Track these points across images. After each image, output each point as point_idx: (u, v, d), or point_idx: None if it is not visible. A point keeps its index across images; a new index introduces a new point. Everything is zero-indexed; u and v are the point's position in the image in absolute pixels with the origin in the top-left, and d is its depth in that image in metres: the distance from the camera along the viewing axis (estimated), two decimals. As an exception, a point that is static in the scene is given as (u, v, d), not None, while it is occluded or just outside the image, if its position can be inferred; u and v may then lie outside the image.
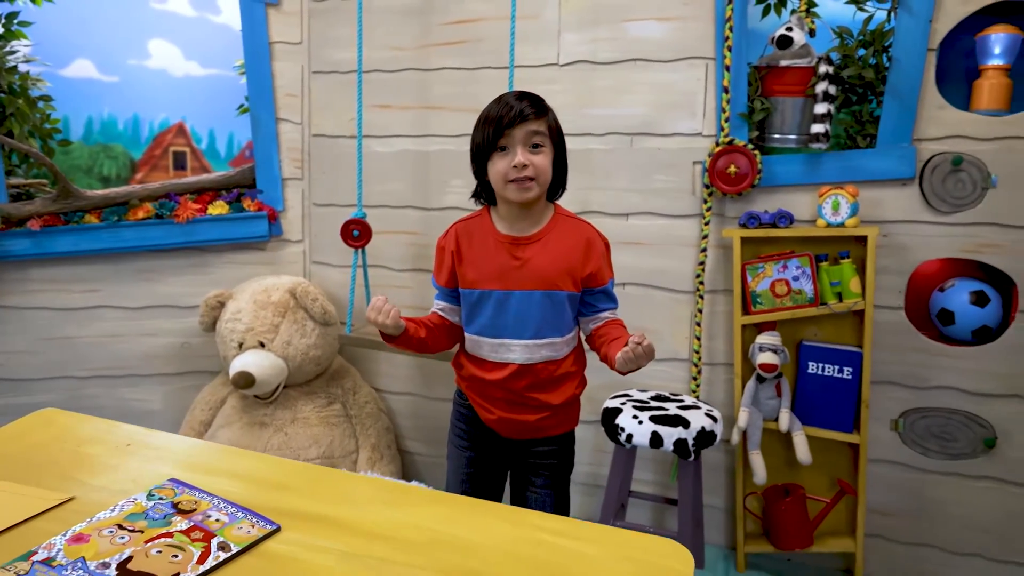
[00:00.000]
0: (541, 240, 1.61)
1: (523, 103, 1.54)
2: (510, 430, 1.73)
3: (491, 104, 1.59)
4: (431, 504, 1.17)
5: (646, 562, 1.02)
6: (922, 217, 2.23)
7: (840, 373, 2.26)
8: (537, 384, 1.66)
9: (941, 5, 2.14)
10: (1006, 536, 2.26)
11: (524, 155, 1.52)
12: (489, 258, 1.62)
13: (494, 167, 1.56)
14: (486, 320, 1.63)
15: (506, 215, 1.64)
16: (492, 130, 1.54)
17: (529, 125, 1.53)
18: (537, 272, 1.60)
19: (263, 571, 0.97)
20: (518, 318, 1.61)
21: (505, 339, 1.63)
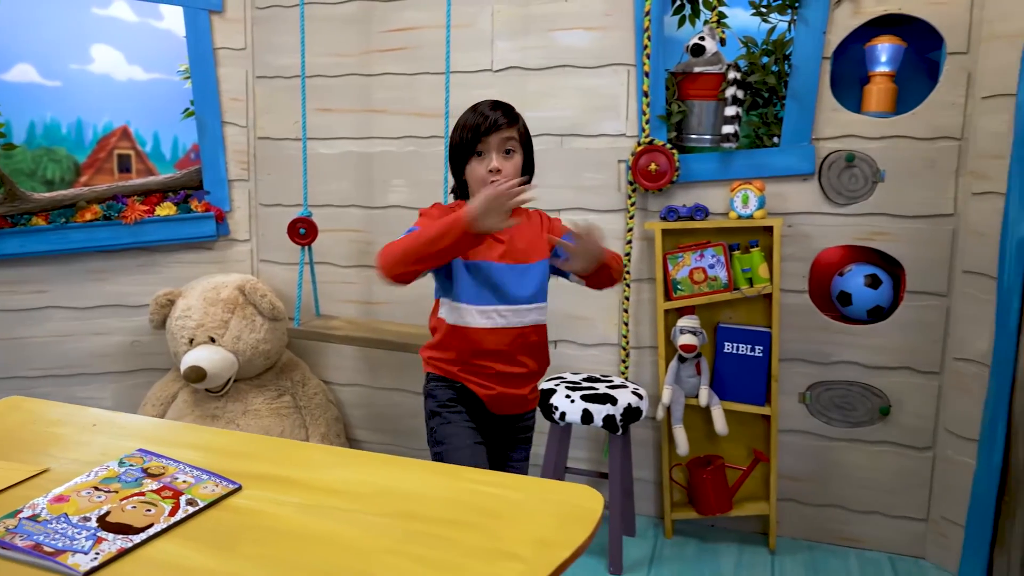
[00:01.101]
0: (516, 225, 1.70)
1: (497, 113, 1.70)
2: (503, 406, 1.80)
3: (467, 113, 1.74)
4: (378, 465, 1.32)
5: (563, 503, 1.19)
6: (821, 209, 2.47)
7: (752, 352, 2.49)
8: (527, 347, 1.78)
9: (833, 18, 2.38)
10: (900, 494, 2.51)
11: (498, 161, 1.69)
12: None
13: (472, 170, 1.72)
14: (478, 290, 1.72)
15: None
16: (470, 137, 1.70)
17: (502, 133, 1.70)
18: (522, 248, 1.76)
19: (229, 522, 1.11)
20: (515, 284, 1.74)
21: (498, 305, 1.73)
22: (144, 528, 1.04)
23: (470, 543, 1.05)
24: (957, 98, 2.32)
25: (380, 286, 2.96)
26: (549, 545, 1.05)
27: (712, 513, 2.54)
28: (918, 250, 2.41)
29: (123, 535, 1.02)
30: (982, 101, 2.28)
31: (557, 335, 2.75)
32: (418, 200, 2.84)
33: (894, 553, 2.54)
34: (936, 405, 2.45)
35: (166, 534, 1.05)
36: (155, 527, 1.05)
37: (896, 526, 2.54)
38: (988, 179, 2.26)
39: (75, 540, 1.00)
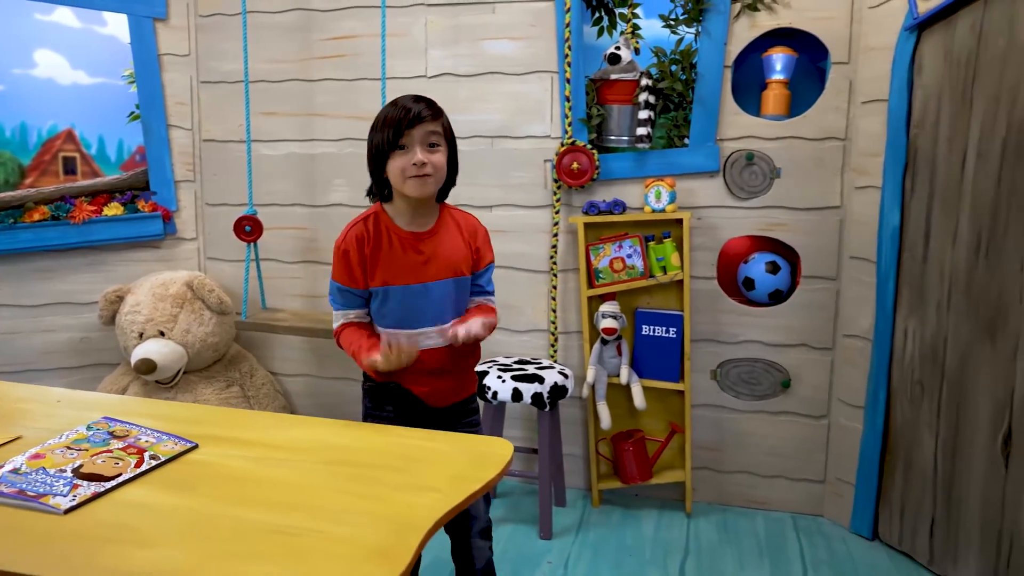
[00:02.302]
0: (438, 233, 1.72)
1: (420, 105, 1.64)
2: (438, 399, 1.80)
3: (387, 107, 1.67)
4: (320, 426, 1.51)
5: (478, 450, 1.40)
6: (726, 203, 2.73)
7: (667, 333, 2.73)
8: (456, 355, 1.77)
9: (733, 31, 2.64)
10: (801, 459, 2.79)
11: (423, 154, 1.62)
12: (397, 256, 1.68)
13: (394, 164, 1.63)
14: (404, 313, 1.70)
15: (403, 210, 1.70)
16: (392, 131, 1.61)
17: (427, 126, 1.62)
18: (444, 261, 1.71)
19: (188, 472, 1.28)
20: (436, 306, 1.71)
21: (425, 328, 1.71)
22: (114, 477, 1.21)
23: (398, 481, 1.25)
24: (841, 103, 2.60)
25: (324, 280, 3.12)
26: (463, 480, 1.25)
27: (634, 482, 2.77)
28: (811, 239, 2.69)
29: (96, 482, 1.19)
30: (861, 106, 2.56)
31: (491, 323, 2.95)
32: (359, 198, 3.01)
33: (796, 512, 2.82)
34: (829, 377, 2.73)
35: (133, 482, 1.22)
36: (123, 476, 1.22)
37: (797, 488, 2.81)
38: (867, 175, 2.55)
39: (54, 487, 1.17)
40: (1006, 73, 2.09)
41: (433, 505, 1.16)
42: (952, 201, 2.28)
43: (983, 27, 2.16)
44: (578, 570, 2.41)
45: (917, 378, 2.44)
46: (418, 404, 1.79)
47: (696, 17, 2.66)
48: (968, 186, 2.22)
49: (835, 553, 2.54)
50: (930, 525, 2.41)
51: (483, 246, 1.81)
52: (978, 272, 2.20)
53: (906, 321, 2.47)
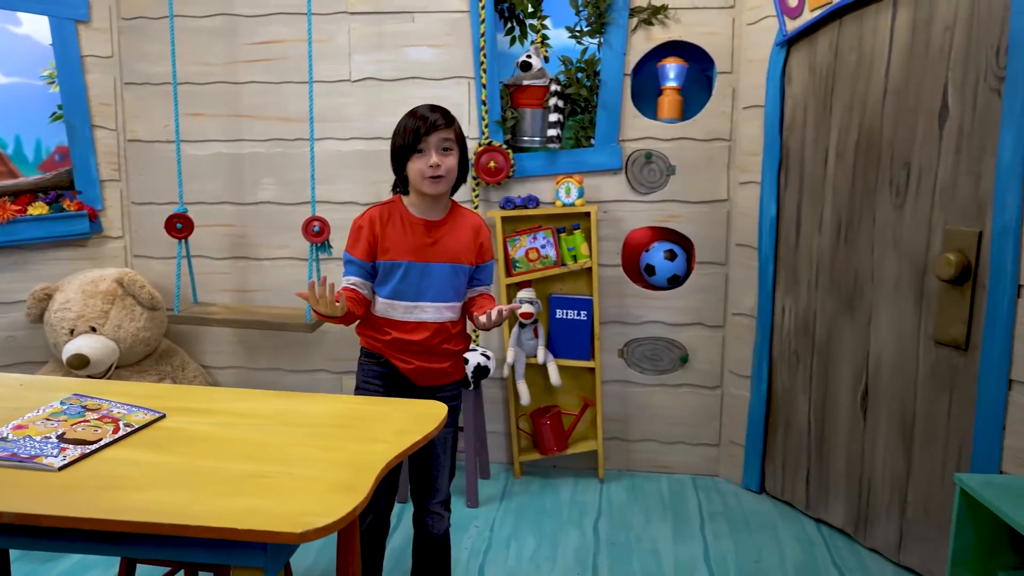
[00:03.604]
0: (447, 224, 1.96)
1: (436, 115, 1.88)
2: (424, 377, 1.98)
3: (407, 116, 1.92)
4: (275, 398, 1.69)
5: (417, 411, 1.62)
6: (628, 197, 3.03)
7: (579, 316, 3.01)
8: (445, 338, 1.97)
9: (631, 43, 2.94)
10: (698, 426, 3.13)
11: (437, 157, 1.86)
12: (407, 236, 1.92)
13: (413, 166, 1.87)
14: (406, 286, 1.92)
15: (418, 203, 1.94)
16: (412, 136, 1.86)
17: (441, 133, 1.87)
18: (448, 249, 1.94)
19: (163, 436, 1.44)
20: (436, 286, 1.93)
21: (421, 302, 1.93)
22: (96, 441, 1.37)
23: (350, 436, 1.46)
24: (726, 108, 2.94)
25: (254, 274, 3.25)
26: (405, 433, 1.48)
27: (552, 453, 3.04)
28: (703, 229, 3.02)
29: (81, 446, 1.35)
30: (743, 111, 2.91)
31: (417, 311, 3.16)
32: (287, 196, 3.16)
33: (696, 474, 3.15)
34: (721, 352, 3.07)
35: (114, 445, 1.38)
36: (104, 440, 1.38)
37: (696, 452, 3.15)
38: (748, 172, 2.90)
39: (43, 450, 1.32)
40: (857, 84, 2.46)
41: (382, 452, 1.37)
42: (817, 194, 2.64)
43: (839, 44, 2.52)
44: (502, 532, 2.66)
45: (793, 348, 2.80)
46: (404, 381, 1.98)
47: (599, 29, 2.94)
48: (830, 181, 2.59)
49: (728, 506, 2.88)
50: (806, 476, 2.78)
51: (486, 243, 2.03)
52: (839, 255, 2.57)
53: (783, 299, 2.82)
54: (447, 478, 2.08)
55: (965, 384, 2.17)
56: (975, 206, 2.11)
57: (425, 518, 2.06)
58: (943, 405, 2.24)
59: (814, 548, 2.56)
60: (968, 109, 2.12)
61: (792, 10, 2.62)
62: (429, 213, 1.95)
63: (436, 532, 2.07)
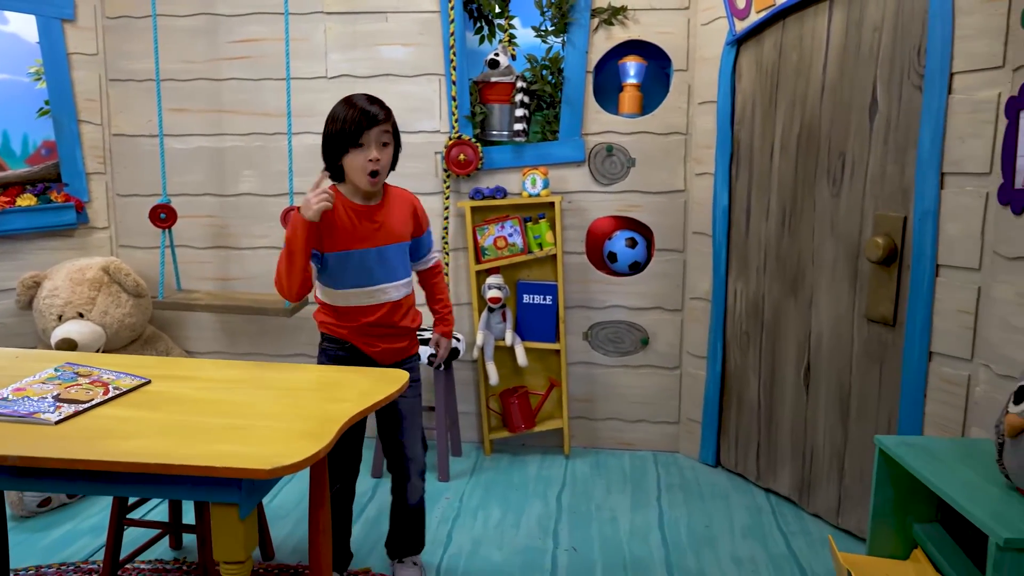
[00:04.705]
0: (386, 206, 2.03)
1: (376, 107, 1.91)
2: (389, 357, 2.10)
3: (343, 107, 1.93)
4: (250, 367, 1.85)
5: (381, 377, 1.78)
6: (591, 188, 3.20)
7: (545, 301, 3.18)
8: (404, 313, 2.10)
9: (592, 42, 3.11)
10: (659, 405, 3.30)
11: (378, 152, 1.91)
12: (353, 225, 1.97)
13: (353, 159, 1.91)
14: (361, 273, 1.99)
15: (356, 191, 2.00)
16: (352, 130, 1.88)
17: (381, 126, 1.91)
18: (391, 230, 2.03)
19: (149, 398, 1.60)
20: (388, 266, 2.02)
21: (382, 284, 2.02)
22: (88, 401, 1.52)
23: (318, 397, 1.62)
24: (682, 103, 3.12)
25: (235, 263, 3.40)
26: (369, 395, 1.64)
27: (520, 430, 3.20)
28: (662, 218, 3.19)
29: (74, 404, 1.50)
30: (698, 106, 3.08)
31: (391, 298, 3.33)
32: (267, 187, 3.31)
33: (657, 450, 3.33)
34: (680, 334, 3.25)
35: (105, 404, 1.54)
36: (96, 400, 1.53)
37: (657, 430, 3.33)
38: (703, 163, 3.07)
39: (41, 407, 1.47)
40: (798, 81, 2.64)
41: (347, 409, 1.53)
42: (764, 184, 2.82)
43: (783, 44, 2.70)
44: (471, 503, 2.82)
45: (744, 330, 2.98)
46: (368, 362, 2.07)
47: (562, 29, 3.11)
48: (775, 172, 2.77)
49: (685, 479, 3.06)
50: (756, 449, 2.96)
51: (420, 215, 2.16)
52: (784, 241, 2.75)
53: (735, 283, 3.00)
54: (419, 446, 2.20)
55: (893, 357, 2.35)
56: (900, 193, 2.30)
57: (402, 488, 2.18)
58: (874, 377, 2.43)
59: (761, 514, 2.75)
60: (894, 104, 2.30)
61: (740, 11, 2.79)
62: (369, 199, 2.03)
63: (412, 502, 2.21)
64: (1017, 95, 1.90)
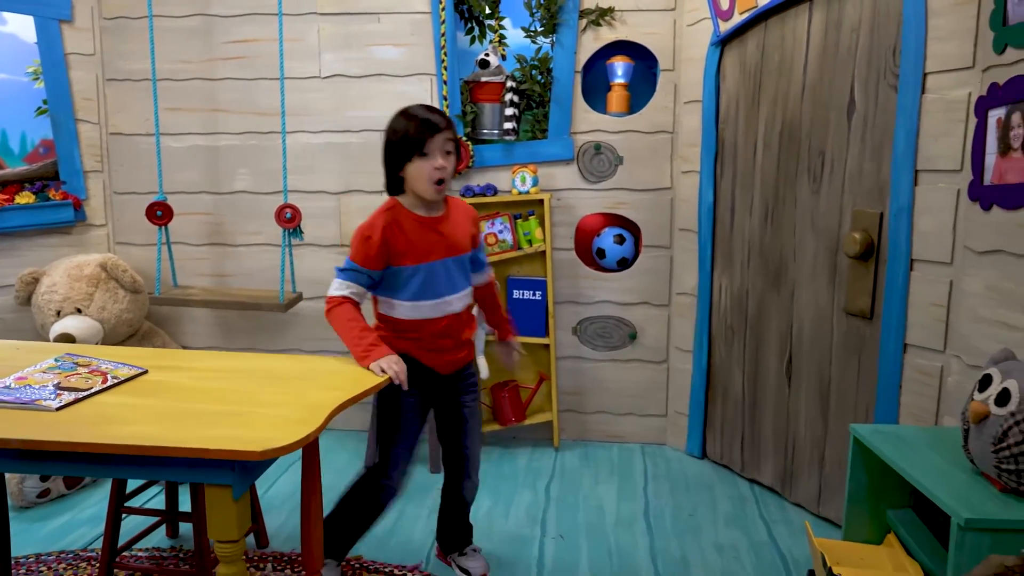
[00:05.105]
0: (449, 217, 2.02)
1: (437, 116, 1.90)
2: (451, 367, 2.11)
3: (404, 118, 1.91)
4: (244, 358, 1.91)
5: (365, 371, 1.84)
6: (580, 186, 3.26)
7: (534, 296, 3.24)
8: (467, 323, 2.10)
9: (581, 42, 3.18)
10: (647, 398, 3.37)
11: (443, 160, 1.89)
12: (421, 238, 1.95)
13: (417, 168, 1.88)
14: (426, 286, 1.96)
15: (419, 202, 1.96)
16: (417, 137, 1.86)
17: (444, 134, 1.89)
18: (455, 241, 2.01)
19: (146, 386, 1.66)
20: (452, 278, 2.00)
21: (446, 296, 1.99)
22: (88, 389, 1.58)
23: (309, 386, 1.69)
24: (668, 103, 3.18)
25: (231, 260, 3.45)
26: (358, 384, 1.71)
27: (510, 423, 3.27)
28: (649, 215, 3.26)
29: (74, 392, 1.56)
30: (684, 105, 3.15)
31: (384, 293, 3.39)
32: (262, 185, 3.37)
33: (644, 443, 3.40)
34: (667, 329, 3.32)
35: (104, 392, 1.60)
36: (95, 388, 1.59)
37: (645, 422, 3.39)
38: (689, 161, 3.14)
39: (42, 395, 1.53)
40: (780, 81, 2.71)
41: (336, 396, 1.60)
42: (748, 181, 2.89)
43: (765, 44, 2.77)
44: (462, 493, 2.89)
45: (729, 324, 3.05)
46: (429, 374, 2.05)
47: (551, 30, 3.17)
48: (758, 169, 2.83)
49: (671, 470, 3.13)
50: (741, 440, 3.03)
51: (478, 226, 2.15)
52: (767, 236, 2.82)
53: (720, 279, 3.07)
54: (479, 446, 2.27)
55: (870, 350, 2.42)
56: (877, 190, 2.37)
57: (459, 485, 2.24)
58: (853, 369, 2.50)
59: (744, 504, 2.82)
60: (871, 103, 2.37)
61: (724, 12, 2.86)
62: (433, 210, 1.99)
63: (469, 499, 2.29)
64: (986, 95, 1.97)
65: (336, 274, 1.97)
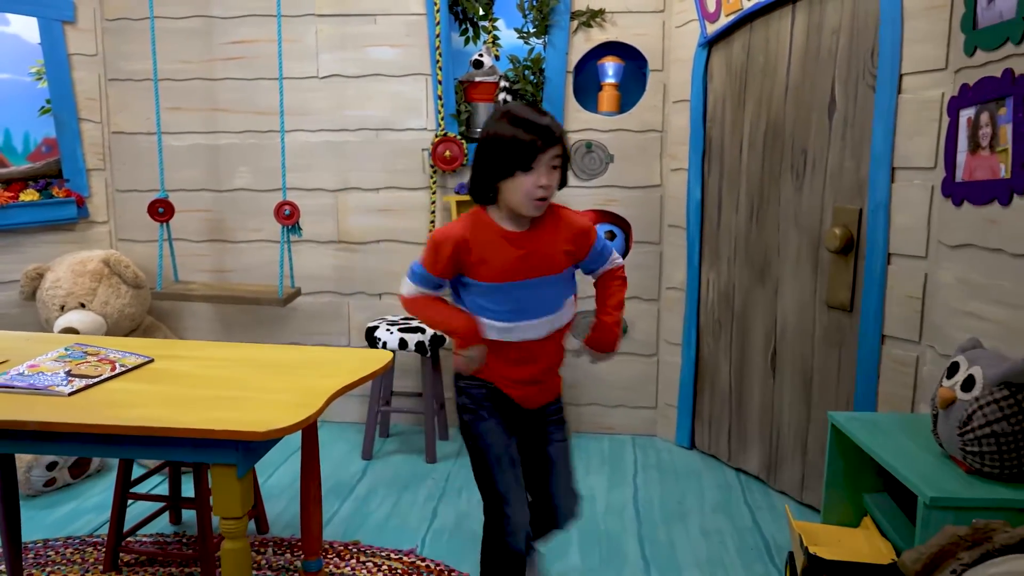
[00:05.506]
0: (539, 230, 1.72)
1: (549, 123, 1.63)
2: (530, 402, 1.84)
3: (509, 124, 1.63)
4: (246, 348, 1.99)
5: (368, 357, 1.92)
6: (571, 183, 3.26)
7: (527, 291, 3.32)
8: (553, 352, 1.81)
9: (572, 43, 3.26)
10: (638, 390, 3.45)
11: (548, 177, 1.63)
12: (502, 253, 1.68)
13: (517, 183, 1.61)
14: (510, 306, 1.70)
15: (509, 215, 1.70)
16: (525, 153, 1.59)
17: (555, 150, 1.63)
18: (541, 259, 1.71)
19: (153, 374, 1.74)
20: (540, 299, 1.72)
21: (530, 320, 1.71)
22: (97, 376, 1.66)
23: (309, 373, 1.77)
24: (658, 102, 3.26)
25: (231, 256, 3.53)
26: (355, 372, 1.78)
27: (504, 415, 3.35)
28: (639, 212, 3.34)
29: (85, 379, 1.64)
30: (673, 104, 3.23)
31: (382, 288, 3.47)
32: (261, 183, 3.44)
33: (636, 434, 3.48)
34: (657, 323, 3.40)
35: (112, 379, 1.68)
36: (104, 375, 1.67)
37: (636, 414, 3.48)
38: (678, 159, 3.22)
39: (54, 381, 1.61)
40: (764, 81, 2.79)
41: (334, 383, 1.68)
42: (734, 179, 2.97)
43: (750, 46, 2.85)
44: (456, 482, 2.97)
45: (716, 317, 3.13)
46: (512, 406, 1.81)
47: (543, 31, 3.25)
48: (744, 167, 2.92)
49: (661, 460, 3.21)
50: (728, 430, 3.11)
51: (579, 236, 1.79)
52: (752, 233, 2.90)
53: (708, 273, 3.15)
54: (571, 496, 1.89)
55: (850, 341, 2.51)
56: (856, 187, 2.45)
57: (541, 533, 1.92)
58: (834, 360, 2.58)
59: (731, 491, 2.90)
60: (851, 103, 2.46)
61: (711, 15, 2.94)
62: (523, 223, 1.72)
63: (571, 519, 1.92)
64: (957, 95, 2.05)
65: (407, 272, 1.79)
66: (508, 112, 1.67)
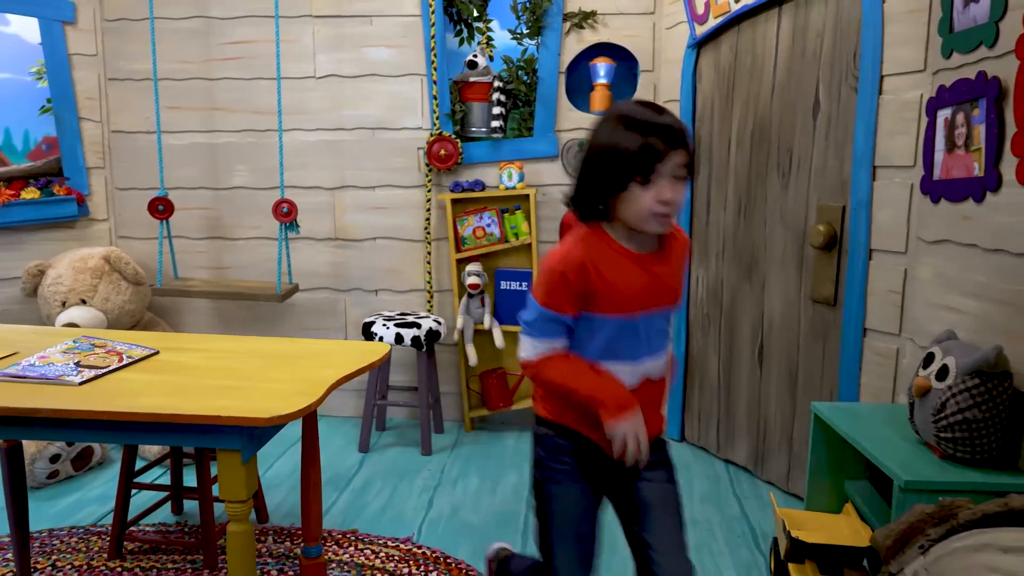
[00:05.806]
0: (667, 254, 1.47)
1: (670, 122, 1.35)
2: None
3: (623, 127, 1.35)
4: (248, 340, 2.05)
5: (366, 350, 1.99)
6: (563, 181, 3.41)
7: (521, 286, 3.39)
8: (661, 390, 1.53)
9: (565, 44, 3.32)
10: (629, 384, 3.52)
11: (671, 189, 1.35)
12: (630, 281, 1.42)
13: (635, 198, 1.35)
14: (618, 345, 1.43)
15: (629, 233, 1.43)
16: (643, 161, 1.32)
17: (678, 156, 1.34)
18: (669, 286, 1.47)
19: (160, 365, 1.80)
20: (656, 335, 1.47)
21: (644, 359, 1.46)
22: (106, 367, 1.72)
23: (310, 364, 1.83)
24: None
25: (229, 253, 3.59)
26: (354, 363, 1.85)
27: (498, 408, 3.42)
28: (630, 209, 3.40)
29: (94, 369, 1.70)
30: (663, 104, 3.29)
31: (378, 285, 3.53)
32: (259, 181, 3.50)
33: (627, 427, 3.55)
34: (647, 318, 3.47)
35: (120, 370, 1.74)
36: (112, 366, 1.73)
37: (627, 408, 3.54)
38: (668, 158, 3.29)
39: (65, 371, 1.67)
40: (751, 82, 2.86)
41: (334, 373, 1.74)
42: (722, 178, 3.05)
43: (738, 47, 2.92)
44: (451, 473, 3.04)
45: (706, 313, 3.20)
46: (602, 457, 1.50)
47: (536, 32, 3.32)
48: (732, 166, 2.99)
49: (652, 452, 3.28)
50: (716, 423, 3.19)
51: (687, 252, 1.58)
52: (740, 230, 2.98)
53: (697, 270, 3.23)
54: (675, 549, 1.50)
55: (834, 335, 2.58)
56: (839, 185, 2.53)
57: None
58: (818, 354, 2.66)
59: (719, 482, 2.98)
60: (834, 104, 2.53)
61: (700, 17, 3.01)
62: (644, 243, 1.45)
63: None
64: (935, 96, 2.13)
65: (524, 331, 1.46)
66: (620, 112, 1.39)
